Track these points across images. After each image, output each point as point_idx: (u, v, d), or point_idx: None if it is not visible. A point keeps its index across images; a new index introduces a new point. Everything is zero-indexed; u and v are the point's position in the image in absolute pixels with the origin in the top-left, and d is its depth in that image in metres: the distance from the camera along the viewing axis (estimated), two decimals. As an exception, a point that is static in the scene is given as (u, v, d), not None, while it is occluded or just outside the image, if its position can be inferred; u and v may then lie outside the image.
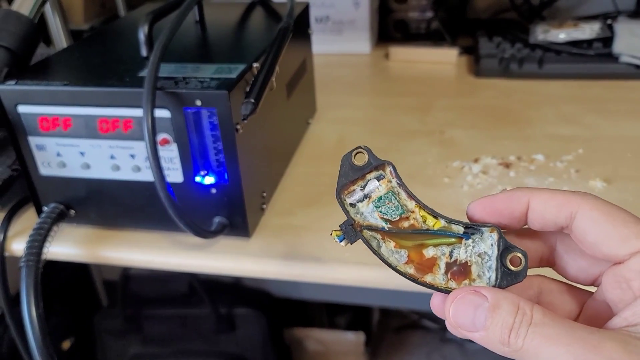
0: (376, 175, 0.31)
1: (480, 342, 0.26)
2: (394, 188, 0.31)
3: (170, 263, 0.50)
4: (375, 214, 0.30)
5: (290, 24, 0.55)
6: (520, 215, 0.29)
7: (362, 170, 0.31)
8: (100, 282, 1.17)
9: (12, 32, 0.51)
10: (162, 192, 0.42)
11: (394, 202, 0.31)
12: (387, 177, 0.31)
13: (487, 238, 0.29)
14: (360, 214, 0.31)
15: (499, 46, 0.85)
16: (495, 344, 0.26)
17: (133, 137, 0.47)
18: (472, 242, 0.30)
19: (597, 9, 0.96)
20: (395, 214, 0.30)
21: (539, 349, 0.24)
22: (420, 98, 0.77)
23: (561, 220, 0.28)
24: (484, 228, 0.30)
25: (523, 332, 0.25)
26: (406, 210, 0.30)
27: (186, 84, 0.44)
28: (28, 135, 0.49)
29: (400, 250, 0.30)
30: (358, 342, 1.16)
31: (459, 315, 0.27)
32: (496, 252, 0.29)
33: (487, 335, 0.26)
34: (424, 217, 0.30)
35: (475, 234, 0.30)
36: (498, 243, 0.29)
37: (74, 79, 0.47)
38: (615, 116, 0.69)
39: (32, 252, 0.47)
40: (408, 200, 0.31)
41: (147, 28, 0.49)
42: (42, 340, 0.45)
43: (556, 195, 0.28)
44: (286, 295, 1.09)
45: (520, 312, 0.26)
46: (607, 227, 0.27)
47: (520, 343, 0.25)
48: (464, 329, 0.27)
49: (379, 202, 0.31)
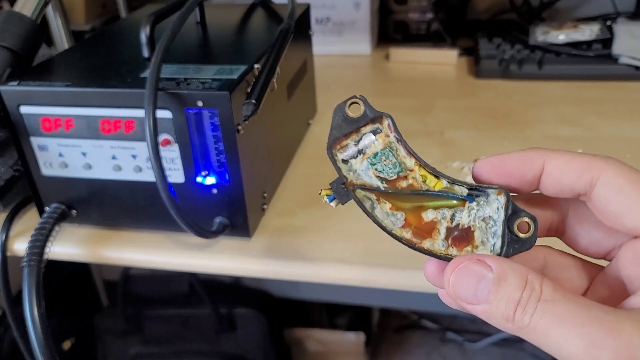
0: (372, 129, 0.28)
1: (481, 315, 0.24)
2: (391, 143, 0.28)
3: (172, 263, 0.50)
4: (370, 172, 0.28)
5: (291, 25, 0.56)
6: (533, 179, 0.27)
7: (357, 123, 0.28)
8: (100, 282, 1.17)
9: (14, 33, 0.51)
10: (164, 192, 0.43)
11: (391, 159, 0.28)
12: (385, 131, 0.28)
13: (493, 201, 0.27)
14: (353, 172, 0.28)
15: (498, 47, 0.85)
16: (498, 319, 0.24)
17: (135, 137, 0.47)
18: (476, 205, 0.27)
19: (596, 11, 0.96)
20: (392, 173, 0.28)
21: (548, 328, 0.22)
22: (420, 99, 0.77)
23: (580, 187, 0.25)
24: (490, 190, 0.27)
25: (531, 309, 0.23)
26: (404, 168, 0.28)
27: (188, 85, 0.45)
28: (30, 135, 0.49)
29: (396, 212, 0.27)
30: (358, 343, 1.16)
31: (460, 286, 0.25)
32: (502, 216, 0.26)
33: (490, 309, 0.24)
34: (424, 176, 0.28)
35: (480, 196, 0.27)
36: (505, 207, 0.26)
37: (76, 79, 0.48)
38: (614, 117, 0.69)
39: (34, 252, 0.47)
40: (407, 157, 0.28)
41: (149, 29, 0.50)
42: (44, 340, 0.45)
43: (575, 159, 0.26)
44: (286, 296, 1.09)
45: (528, 286, 0.23)
46: (632, 197, 0.24)
47: (527, 320, 0.23)
48: (464, 301, 0.25)
49: (375, 158, 0.28)
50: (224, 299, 1.04)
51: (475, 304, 0.24)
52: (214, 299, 1.02)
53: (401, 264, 0.46)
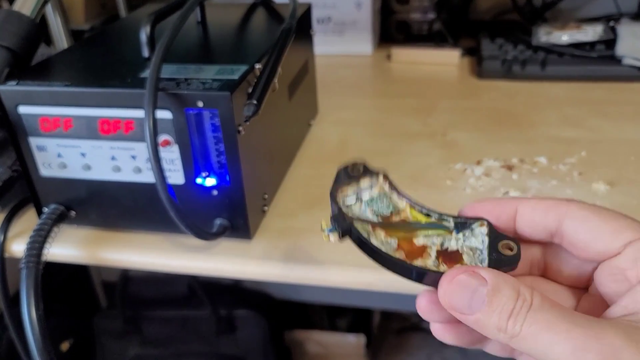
0: (370, 182, 0.33)
1: (473, 325, 0.26)
2: (386, 191, 0.33)
3: (171, 265, 0.50)
4: (367, 211, 0.32)
5: (293, 25, 0.55)
6: (508, 219, 0.30)
7: (357, 177, 0.33)
8: (99, 284, 1.17)
9: (13, 33, 0.51)
10: (163, 193, 0.42)
11: (385, 201, 0.32)
12: (380, 183, 0.33)
13: (478, 234, 0.29)
14: (351, 212, 0.32)
15: (501, 48, 0.85)
16: (491, 329, 0.25)
17: (134, 138, 0.46)
18: (462, 236, 0.30)
19: (599, 11, 0.95)
20: (386, 211, 0.32)
21: (537, 335, 0.24)
22: (422, 99, 0.77)
23: (550, 223, 0.28)
24: (474, 224, 0.30)
25: (522, 318, 0.24)
26: (397, 209, 0.32)
27: (188, 85, 0.44)
28: (29, 135, 0.48)
29: (390, 239, 0.30)
30: (359, 345, 1.15)
31: (455, 297, 0.26)
32: (487, 243, 0.29)
33: (483, 319, 0.25)
34: (415, 215, 0.32)
35: (465, 229, 0.30)
36: (489, 233, 0.29)
37: (75, 79, 0.47)
38: (618, 119, 0.68)
39: (33, 253, 0.47)
40: (399, 200, 0.32)
41: (149, 29, 0.49)
42: (42, 341, 0.45)
43: (543, 200, 0.29)
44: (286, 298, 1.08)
45: (520, 297, 0.25)
46: (597, 223, 0.27)
47: (517, 329, 0.24)
48: (457, 312, 0.26)
49: (371, 202, 0.32)
50: (223, 300, 1.03)
51: (468, 314, 0.25)
52: (213, 301, 1.02)
53: (403, 266, 0.46)
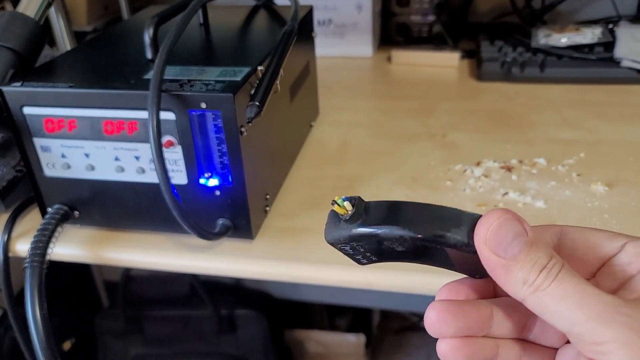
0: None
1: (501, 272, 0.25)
2: None
3: (174, 264, 0.50)
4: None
5: (295, 27, 0.56)
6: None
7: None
8: (101, 283, 1.17)
9: (18, 34, 0.51)
10: (167, 194, 0.43)
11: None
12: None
13: None
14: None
15: (500, 50, 0.85)
16: (516, 280, 0.24)
17: (138, 139, 0.47)
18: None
19: (598, 14, 0.96)
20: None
21: (565, 293, 0.23)
22: (422, 101, 0.77)
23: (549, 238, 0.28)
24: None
25: (553, 274, 0.24)
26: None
27: (191, 87, 0.45)
28: (33, 136, 0.49)
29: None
30: (358, 344, 1.16)
31: (498, 234, 0.25)
32: None
33: (515, 267, 0.24)
34: None
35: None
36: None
37: (80, 80, 0.48)
38: (617, 120, 0.69)
39: (37, 252, 0.47)
40: None
41: (153, 31, 0.49)
42: (46, 341, 0.45)
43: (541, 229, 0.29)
44: (287, 297, 1.09)
45: (554, 259, 0.25)
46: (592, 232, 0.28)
47: (547, 284, 0.24)
48: (494, 249, 0.25)
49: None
50: (224, 299, 1.04)
51: (502, 256, 0.25)
52: (214, 300, 1.02)
53: (402, 266, 0.46)
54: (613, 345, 0.22)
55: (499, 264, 0.25)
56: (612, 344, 0.22)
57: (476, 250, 0.26)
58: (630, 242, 0.27)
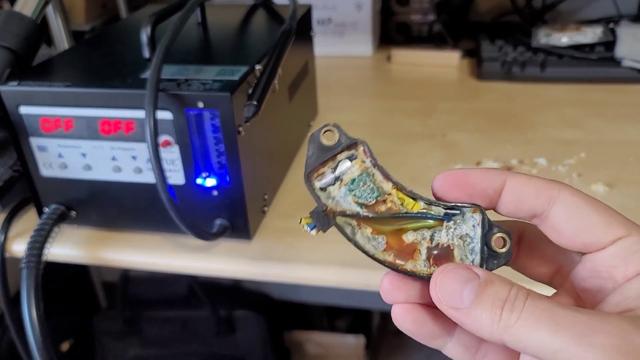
0: (348, 155, 0.28)
1: (466, 321, 0.24)
2: (368, 169, 0.28)
3: (172, 265, 0.50)
4: (349, 198, 0.28)
5: (293, 27, 0.55)
6: (494, 194, 0.27)
7: (333, 150, 0.28)
8: (99, 284, 1.17)
9: (14, 33, 0.51)
10: (164, 194, 0.42)
11: (368, 184, 0.28)
12: (360, 157, 0.28)
13: (469, 219, 0.27)
14: (332, 199, 0.28)
15: (501, 49, 0.85)
16: (484, 322, 0.23)
17: (135, 138, 0.46)
18: (453, 224, 0.28)
19: (599, 13, 0.96)
20: (370, 198, 0.28)
21: (537, 324, 0.22)
22: (422, 101, 0.77)
23: (539, 204, 0.26)
24: (465, 208, 0.27)
25: (520, 305, 0.23)
26: (382, 192, 0.28)
27: (188, 86, 0.44)
28: (30, 136, 0.48)
29: (377, 236, 0.28)
30: (358, 345, 1.15)
31: (446, 287, 0.25)
32: (479, 233, 0.27)
33: (476, 311, 0.24)
34: (402, 199, 0.28)
35: (456, 215, 0.28)
36: (481, 223, 0.27)
37: (76, 80, 0.47)
38: (617, 120, 0.69)
39: (33, 253, 0.47)
40: (384, 181, 0.28)
41: (150, 29, 0.49)
42: (42, 342, 0.45)
43: (534, 179, 0.27)
44: (286, 298, 1.08)
45: (515, 287, 0.23)
46: (589, 213, 0.25)
47: (514, 319, 0.23)
48: (450, 304, 0.24)
49: (352, 184, 0.28)
50: (223, 301, 1.03)
51: (460, 306, 0.24)
52: (213, 301, 1.02)
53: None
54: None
55: (462, 315, 0.24)
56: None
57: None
58: (623, 240, 0.25)
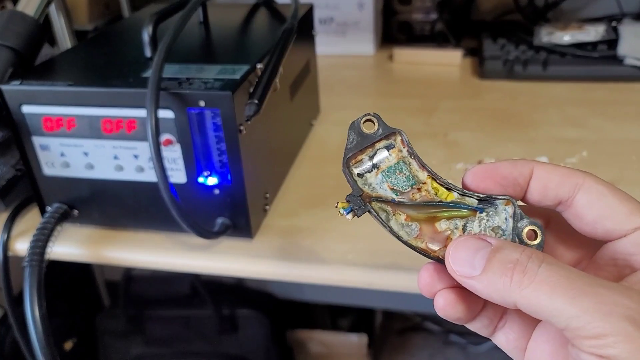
0: (386, 145, 0.29)
1: (480, 288, 0.25)
2: (404, 158, 0.29)
3: (173, 263, 0.50)
4: (385, 185, 0.29)
5: (294, 26, 0.55)
6: (523, 183, 0.28)
7: (371, 139, 0.29)
8: (102, 283, 1.17)
9: (17, 33, 0.51)
10: (166, 192, 0.42)
11: (404, 172, 0.29)
12: (398, 146, 0.29)
13: (502, 211, 0.28)
14: (368, 185, 0.29)
15: (503, 48, 0.85)
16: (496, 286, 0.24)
17: (136, 137, 0.47)
18: (485, 215, 0.28)
19: (602, 11, 0.95)
20: (405, 185, 0.29)
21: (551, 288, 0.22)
22: (424, 100, 0.77)
23: (564, 191, 0.27)
24: (498, 201, 0.28)
25: (533, 268, 0.23)
26: (417, 181, 0.29)
27: (190, 85, 0.44)
28: (32, 135, 0.49)
29: (411, 223, 0.29)
30: (361, 344, 1.15)
31: (459, 257, 0.25)
32: (511, 225, 0.28)
33: (487, 275, 0.24)
34: (436, 189, 0.29)
35: (489, 207, 0.28)
36: (513, 216, 0.28)
37: (78, 79, 0.48)
38: (620, 119, 0.68)
39: (36, 251, 0.47)
40: (420, 170, 0.29)
41: (152, 29, 0.49)
42: (44, 340, 0.45)
43: (560, 167, 0.28)
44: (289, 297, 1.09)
45: (528, 250, 0.24)
46: (613, 201, 0.26)
47: (527, 281, 0.23)
48: (463, 273, 0.25)
49: (389, 172, 0.29)
50: (226, 299, 1.03)
51: (473, 274, 0.25)
52: (216, 300, 1.02)
53: (404, 265, 0.46)
54: (613, 339, 0.21)
55: (475, 282, 0.25)
56: (612, 337, 0.21)
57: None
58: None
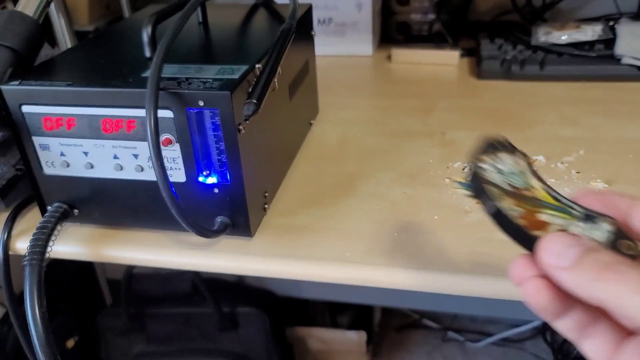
0: (510, 159, 0.34)
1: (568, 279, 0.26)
2: (522, 169, 0.34)
3: (173, 262, 0.50)
4: (500, 178, 0.33)
5: (293, 26, 0.56)
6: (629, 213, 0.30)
7: (499, 149, 0.35)
8: (104, 281, 1.17)
9: (16, 33, 0.52)
10: (165, 191, 0.43)
11: (520, 177, 0.33)
12: (519, 159, 0.35)
13: (602, 229, 0.29)
14: (486, 176, 0.33)
15: (500, 48, 0.85)
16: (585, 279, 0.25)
17: (136, 137, 0.47)
18: (584, 224, 0.30)
19: (599, 11, 0.96)
20: (519, 183, 0.33)
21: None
22: (422, 99, 0.77)
23: None
24: (602, 220, 0.30)
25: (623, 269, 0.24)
26: (530, 186, 0.33)
27: (189, 85, 0.45)
28: (32, 135, 0.49)
29: (515, 207, 0.31)
30: (360, 341, 1.16)
31: (552, 248, 0.27)
32: (609, 240, 0.29)
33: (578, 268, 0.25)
34: (544, 196, 0.32)
35: (591, 222, 0.30)
36: (614, 233, 0.29)
37: (78, 79, 0.48)
38: (617, 118, 0.69)
39: (36, 250, 0.48)
40: (533, 179, 0.33)
41: (151, 29, 0.50)
42: (45, 339, 0.45)
43: None
44: (288, 295, 1.09)
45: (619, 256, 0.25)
46: None
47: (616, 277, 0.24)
48: (554, 262, 0.27)
49: (507, 173, 0.33)
50: (226, 297, 1.04)
51: (563, 265, 0.26)
52: (216, 298, 1.03)
53: (403, 263, 0.46)
54: None
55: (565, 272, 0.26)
56: None
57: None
58: None
